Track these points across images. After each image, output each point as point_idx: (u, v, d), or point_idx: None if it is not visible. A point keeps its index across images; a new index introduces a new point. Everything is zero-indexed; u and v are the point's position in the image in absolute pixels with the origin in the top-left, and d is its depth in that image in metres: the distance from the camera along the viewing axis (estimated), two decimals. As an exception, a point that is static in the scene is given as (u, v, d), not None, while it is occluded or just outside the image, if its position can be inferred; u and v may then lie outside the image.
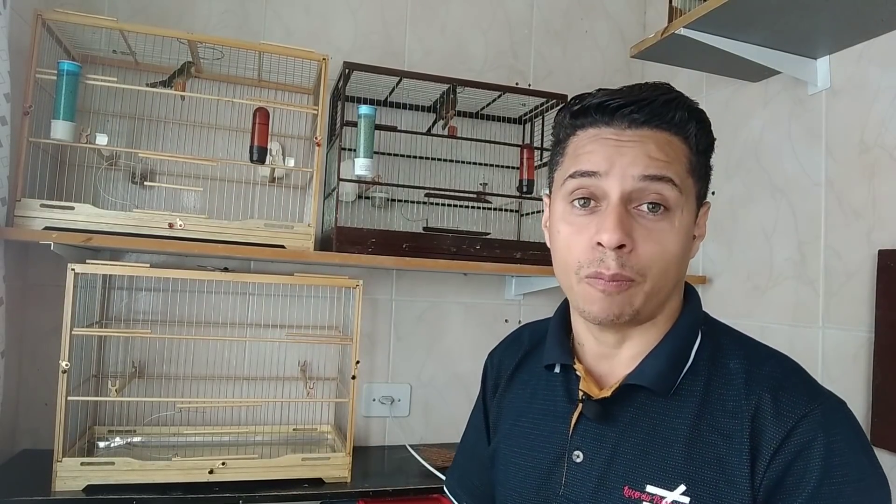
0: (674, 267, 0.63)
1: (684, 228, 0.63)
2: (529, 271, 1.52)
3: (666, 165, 0.62)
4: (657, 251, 0.61)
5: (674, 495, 0.60)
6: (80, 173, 1.42)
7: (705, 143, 0.66)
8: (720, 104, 1.66)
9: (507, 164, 1.79)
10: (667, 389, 0.64)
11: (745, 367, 0.64)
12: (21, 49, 1.25)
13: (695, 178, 0.65)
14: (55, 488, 1.18)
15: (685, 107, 0.64)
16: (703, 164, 0.67)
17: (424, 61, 1.76)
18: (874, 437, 1.15)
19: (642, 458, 0.63)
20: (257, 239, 1.33)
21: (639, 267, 0.61)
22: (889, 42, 1.22)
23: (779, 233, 1.45)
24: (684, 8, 1.32)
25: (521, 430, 0.75)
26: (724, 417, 0.61)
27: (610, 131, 0.63)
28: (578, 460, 0.67)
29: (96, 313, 1.46)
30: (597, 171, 0.63)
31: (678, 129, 0.64)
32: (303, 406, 1.60)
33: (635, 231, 0.61)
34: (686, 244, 0.64)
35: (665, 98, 0.63)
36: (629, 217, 0.62)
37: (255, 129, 1.35)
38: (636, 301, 0.62)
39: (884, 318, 1.16)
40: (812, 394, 0.61)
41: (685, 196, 0.63)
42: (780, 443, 0.58)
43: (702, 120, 0.66)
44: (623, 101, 0.63)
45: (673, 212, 0.62)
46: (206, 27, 1.58)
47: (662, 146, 0.62)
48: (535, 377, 0.77)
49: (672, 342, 0.67)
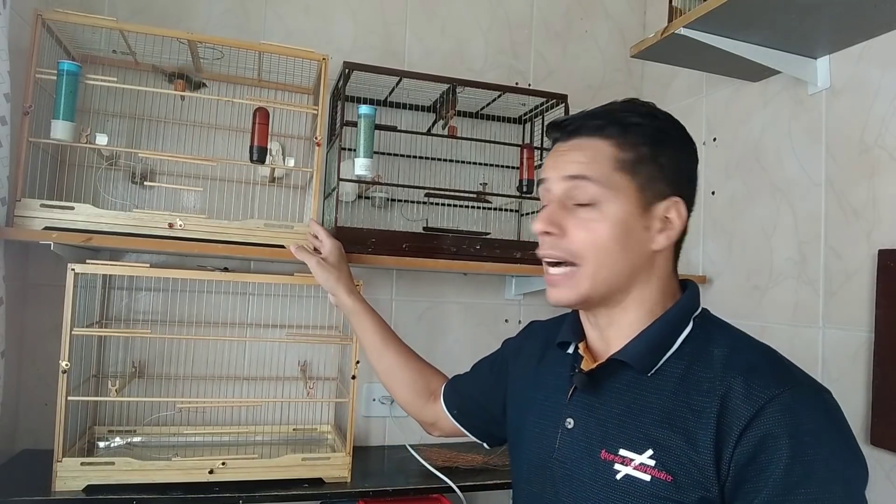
0: (615, 252, 0.73)
1: (618, 218, 0.72)
2: (529, 271, 1.52)
3: (583, 166, 0.73)
4: (587, 237, 0.73)
5: (642, 458, 0.68)
6: (80, 173, 1.42)
7: (641, 139, 0.73)
8: (720, 104, 1.66)
9: (507, 164, 1.79)
10: (647, 368, 0.73)
11: (726, 354, 0.70)
12: (21, 49, 1.25)
13: (628, 173, 0.73)
14: (55, 488, 1.18)
15: (604, 115, 0.75)
16: (646, 159, 0.74)
17: (424, 61, 1.76)
18: (874, 437, 1.16)
19: (620, 427, 0.72)
20: (257, 239, 1.33)
21: (571, 250, 0.73)
22: (889, 42, 1.22)
23: (779, 233, 1.45)
24: (684, 8, 1.32)
25: (538, 403, 0.85)
26: (698, 396, 0.68)
27: (559, 145, 0.78)
28: (569, 427, 0.77)
29: (96, 313, 1.46)
30: (546, 177, 0.78)
31: (597, 132, 0.74)
32: (303, 406, 1.60)
33: (567, 221, 0.74)
34: (624, 231, 0.73)
35: (589, 112, 0.77)
36: (564, 211, 0.75)
37: (255, 129, 1.35)
38: (582, 286, 0.74)
39: (884, 318, 1.16)
40: (785, 378, 0.66)
41: (613, 190, 0.72)
42: (748, 421, 0.63)
43: (627, 122, 0.74)
44: (563, 118, 0.78)
45: (599, 204, 0.73)
46: (206, 27, 1.58)
47: (585, 150, 0.74)
48: (555, 359, 0.88)
49: (658, 327, 0.75)
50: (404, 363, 1.12)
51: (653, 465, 0.67)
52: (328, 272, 1.16)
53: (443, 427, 1.09)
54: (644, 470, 0.67)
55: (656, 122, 0.75)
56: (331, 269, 1.16)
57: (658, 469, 0.66)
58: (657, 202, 0.74)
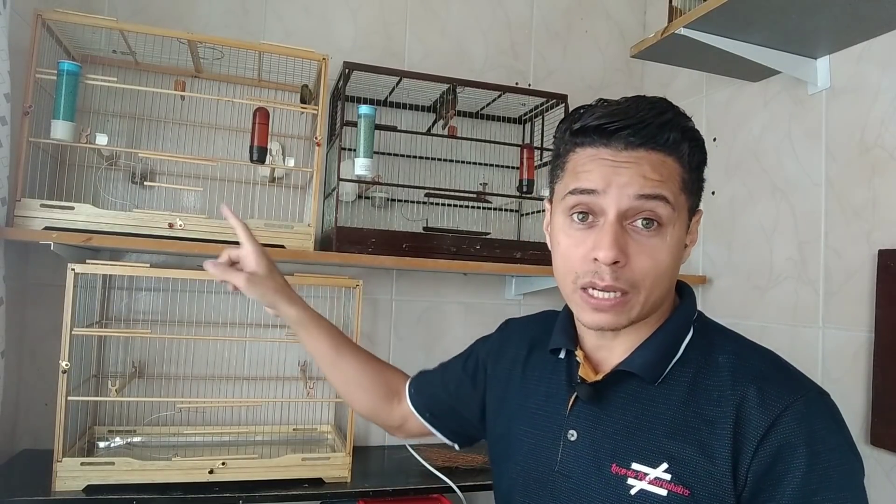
0: (666, 278, 0.68)
1: (675, 241, 0.68)
2: (529, 271, 1.52)
3: (660, 185, 0.66)
4: (650, 265, 0.66)
5: (657, 472, 0.66)
6: (80, 173, 1.42)
7: (698, 159, 0.70)
8: (720, 104, 1.66)
9: (507, 164, 1.79)
10: (655, 377, 0.70)
11: (732, 361, 0.68)
12: (21, 49, 1.25)
13: (687, 194, 0.69)
14: (55, 488, 1.18)
15: (679, 128, 0.67)
16: (696, 180, 0.71)
17: (424, 61, 1.76)
18: (874, 437, 1.16)
19: (630, 439, 0.69)
20: (257, 239, 1.32)
21: (633, 280, 0.66)
22: (889, 42, 1.22)
23: (779, 233, 1.45)
24: (684, 8, 1.32)
25: (528, 412, 0.80)
26: (709, 406, 0.66)
27: (607, 152, 0.67)
28: (573, 439, 0.73)
29: (96, 313, 1.46)
30: (595, 189, 0.67)
31: (672, 149, 0.67)
32: (303, 406, 1.60)
33: (629, 246, 0.66)
34: (677, 255, 0.69)
35: (660, 121, 0.66)
36: (624, 233, 0.66)
37: (255, 129, 1.35)
38: (632, 312, 0.68)
39: (884, 318, 1.16)
40: (795, 386, 0.66)
41: (678, 212, 0.68)
42: (766, 430, 0.62)
43: (695, 139, 0.69)
44: (620, 125, 0.66)
45: (666, 227, 0.67)
46: (206, 27, 1.58)
47: (657, 166, 0.66)
48: (543, 362, 0.83)
49: (663, 336, 0.72)
50: (363, 368, 0.98)
51: (669, 480, 0.65)
52: (262, 286, 0.93)
53: (410, 429, 1.00)
54: (660, 484, 0.65)
55: (699, 133, 0.71)
56: (264, 282, 0.94)
57: (675, 483, 0.65)
58: (692, 218, 0.72)
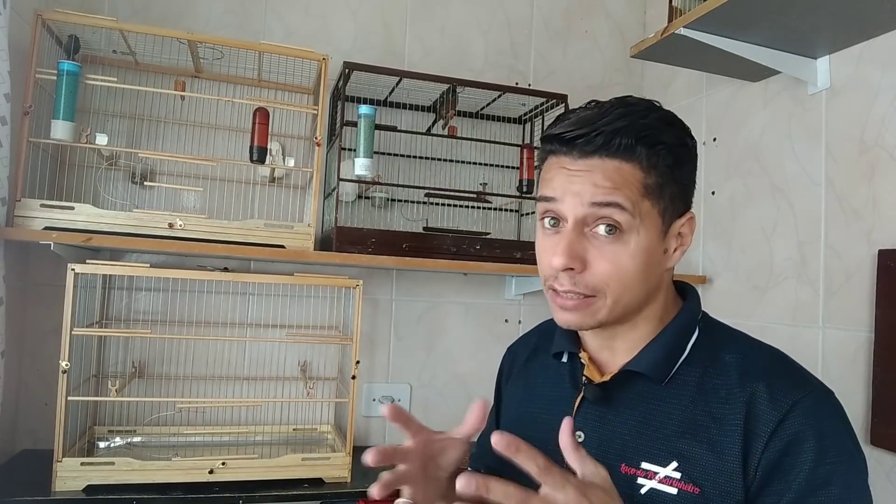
0: (636, 281, 0.68)
1: (642, 247, 0.67)
2: (529, 271, 1.52)
3: (612, 192, 0.65)
4: (611, 269, 0.66)
5: (666, 471, 0.66)
6: (80, 173, 1.42)
7: (667, 162, 0.67)
8: (720, 104, 1.66)
9: (507, 164, 1.79)
10: (662, 377, 0.70)
11: (739, 360, 0.69)
12: (21, 49, 1.25)
13: (653, 199, 0.67)
14: (55, 488, 1.18)
15: (633, 132, 0.66)
16: (669, 182, 0.68)
17: (424, 61, 1.76)
18: (874, 437, 1.15)
19: (638, 439, 0.69)
20: (257, 239, 1.33)
21: (593, 284, 0.67)
22: (889, 42, 1.22)
23: (779, 233, 1.45)
24: (684, 8, 1.32)
25: (531, 415, 0.81)
26: (717, 404, 0.67)
27: (566, 160, 0.68)
28: (580, 440, 0.72)
29: (96, 313, 1.46)
30: (554, 196, 0.68)
31: (626, 155, 0.66)
32: (303, 406, 1.60)
33: (589, 252, 0.67)
34: (647, 260, 0.68)
35: (612, 128, 0.66)
36: (583, 240, 0.67)
37: (255, 129, 1.35)
38: (599, 314, 0.68)
39: (884, 318, 1.16)
40: (803, 382, 0.67)
41: (640, 218, 0.66)
42: (777, 425, 0.63)
43: (656, 142, 0.67)
44: (574, 134, 0.67)
45: (627, 233, 0.66)
46: (206, 27, 1.58)
47: (610, 174, 0.66)
48: (545, 367, 0.83)
49: (669, 335, 0.72)
50: None
51: (679, 478, 0.65)
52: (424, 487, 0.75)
53: None
54: (670, 483, 0.66)
55: (675, 134, 0.69)
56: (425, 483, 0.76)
57: (685, 482, 0.65)
58: (674, 221, 0.70)
